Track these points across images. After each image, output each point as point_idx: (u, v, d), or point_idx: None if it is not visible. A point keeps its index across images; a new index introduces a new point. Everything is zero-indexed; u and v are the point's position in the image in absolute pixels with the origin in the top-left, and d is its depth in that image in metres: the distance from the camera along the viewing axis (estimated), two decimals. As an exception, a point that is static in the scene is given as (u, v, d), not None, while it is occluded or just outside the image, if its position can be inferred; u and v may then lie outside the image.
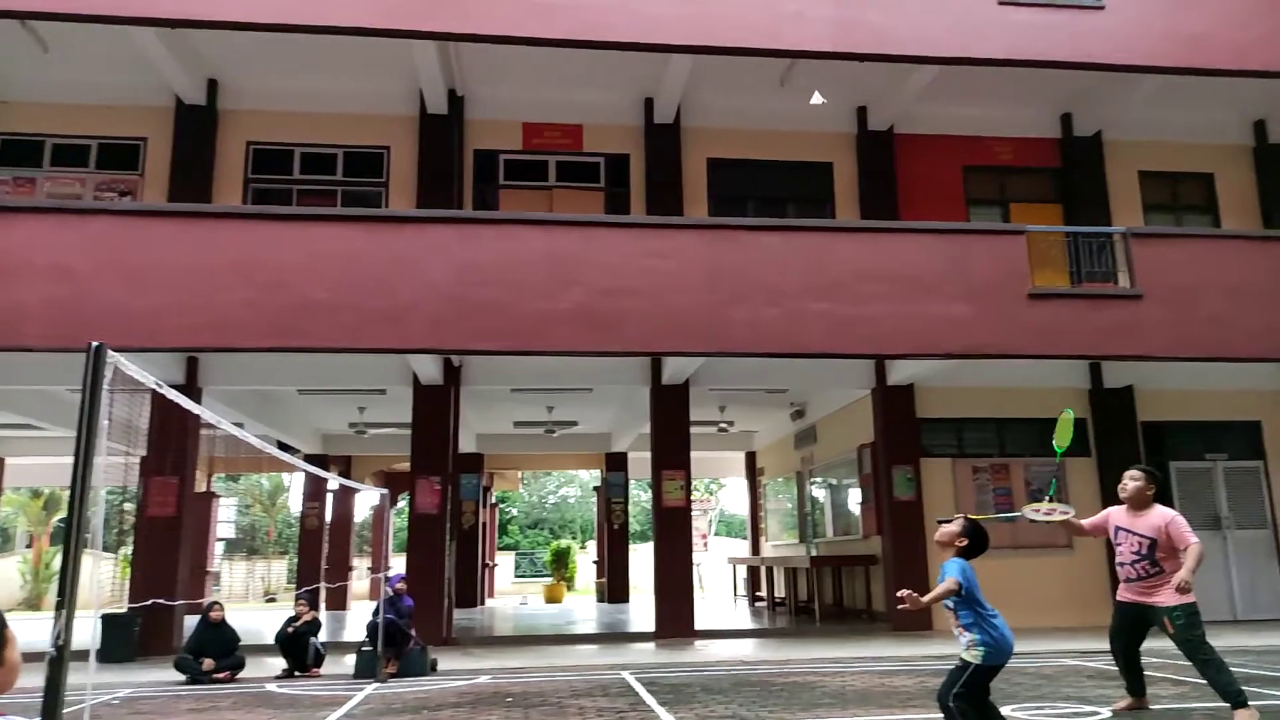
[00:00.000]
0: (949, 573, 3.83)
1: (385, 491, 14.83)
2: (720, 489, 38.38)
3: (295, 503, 29.23)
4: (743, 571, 18.97)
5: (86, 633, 3.81)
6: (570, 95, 11.44)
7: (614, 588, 18.73)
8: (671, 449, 11.19)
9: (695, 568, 11.34)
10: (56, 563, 23.52)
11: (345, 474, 18.52)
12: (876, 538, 11.73)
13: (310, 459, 15.73)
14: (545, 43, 9.24)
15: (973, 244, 9.90)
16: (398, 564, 13.63)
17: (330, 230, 9.09)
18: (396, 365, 10.61)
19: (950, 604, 3.86)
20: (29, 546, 25.37)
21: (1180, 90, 11.33)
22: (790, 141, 11.86)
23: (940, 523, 4.15)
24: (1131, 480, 5.15)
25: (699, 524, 24.69)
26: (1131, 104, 11.59)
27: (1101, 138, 12.26)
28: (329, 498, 18.20)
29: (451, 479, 10.98)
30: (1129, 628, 5.12)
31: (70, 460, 2.79)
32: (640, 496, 29.43)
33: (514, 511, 39.73)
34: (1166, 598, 4.83)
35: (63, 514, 25.95)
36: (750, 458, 19.37)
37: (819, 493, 14.95)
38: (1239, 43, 10.22)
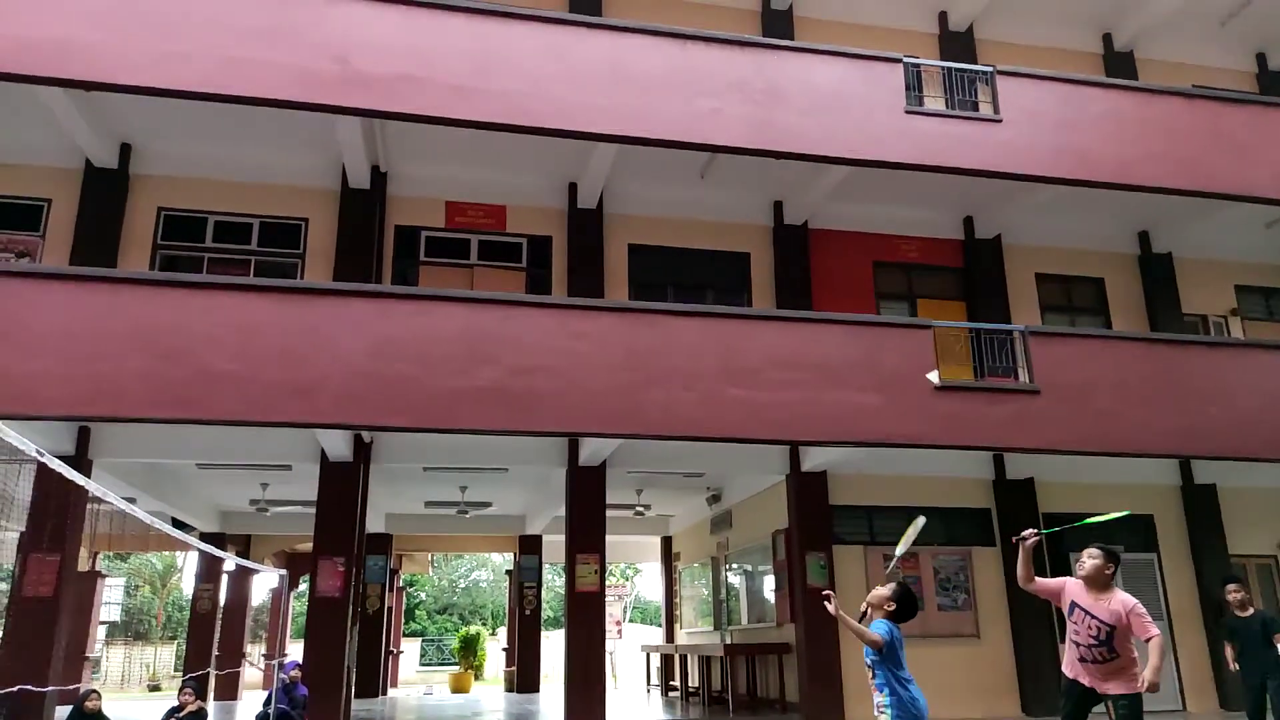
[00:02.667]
0: (875, 626, 3.87)
1: (284, 573, 14.25)
2: (636, 574, 37.93)
3: (188, 584, 27.70)
4: (656, 660, 18.61)
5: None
6: (495, 176, 11.58)
7: (524, 677, 18.13)
8: (587, 532, 11.04)
9: (608, 656, 11.09)
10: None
11: (244, 554, 17.68)
12: (790, 625, 11.69)
13: (207, 537, 14.99)
14: (468, 124, 9.34)
15: (883, 336, 10.24)
16: (295, 650, 12.97)
17: (239, 300, 8.86)
18: (304, 440, 10.29)
19: (869, 661, 3.87)
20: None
21: (1072, 200, 12.11)
22: (710, 231, 12.19)
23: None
24: (1090, 559, 5.09)
25: (613, 610, 24.20)
26: (1028, 210, 12.32)
27: (1001, 241, 12.95)
28: (224, 579, 17.29)
29: (357, 560, 10.58)
30: (1077, 702, 5.07)
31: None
32: (554, 581, 28.86)
33: (423, 596, 38.40)
34: (1117, 686, 4.84)
35: (-73, 594, 24.05)
36: (666, 542, 19.24)
37: (734, 579, 14.88)
38: (1122, 159, 11.01)
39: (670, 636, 18.58)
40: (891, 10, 13.36)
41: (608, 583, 11.37)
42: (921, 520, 5.28)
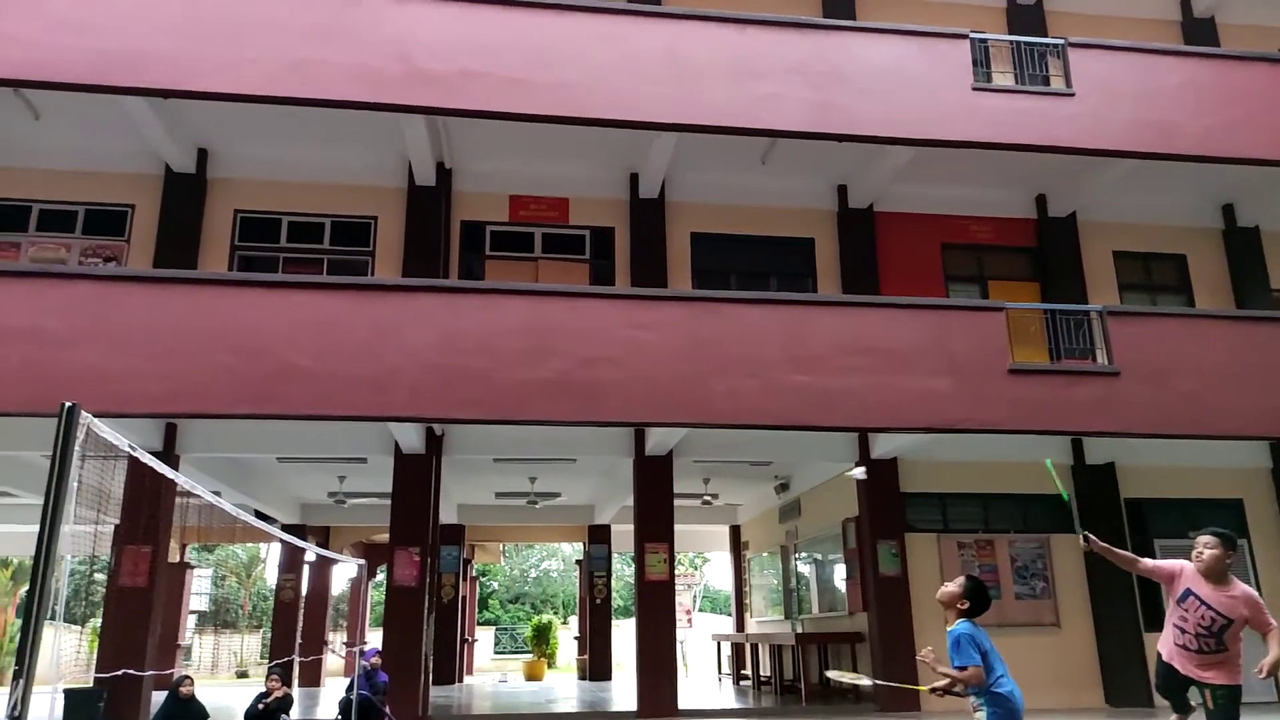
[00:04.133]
0: (962, 648, 3.73)
1: (363, 563, 14.61)
2: (704, 563, 37.90)
3: (271, 574, 28.64)
4: (727, 649, 18.60)
5: (47, 708, 3.69)
6: (557, 169, 11.65)
7: (596, 665, 18.31)
8: (654, 522, 11.08)
9: (679, 645, 11.13)
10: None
11: (323, 545, 18.20)
12: (862, 614, 11.56)
13: (288, 529, 15.46)
14: (530, 118, 9.44)
15: (952, 320, 10.02)
16: (374, 638, 13.29)
17: (314, 298, 9.12)
18: (378, 434, 10.53)
19: (954, 664, 3.78)
20: (-6, 618, 24.64)
21: (1151, 174, 11.65)
22: (772, 217, 12.08)
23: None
24: (1208, 548, 4.77)
25: (683, 599, 24.29)
26: (1104, 187, 11.89)
27: (1076, 219, 12.54)
28: (306, 569, 17.84)
29: (431, 551, 10.81)
30: (1177, 683, 4.84)
31: (38, 529, 2.73)
32: (623, 570, 29.01)
33: (495, 585, 39.01)
34: (1217, 676, 4.62)
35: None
36: (735, 531, 19.19)
37: (804, 568, 14.77)
38: (1204, 130, 10.56)
39: (740, 625, 18.55)
40: (956, -15, 13.02)
41: (677, 572, 11.38)
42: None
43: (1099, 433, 10.24)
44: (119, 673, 7.30)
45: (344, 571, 20.37)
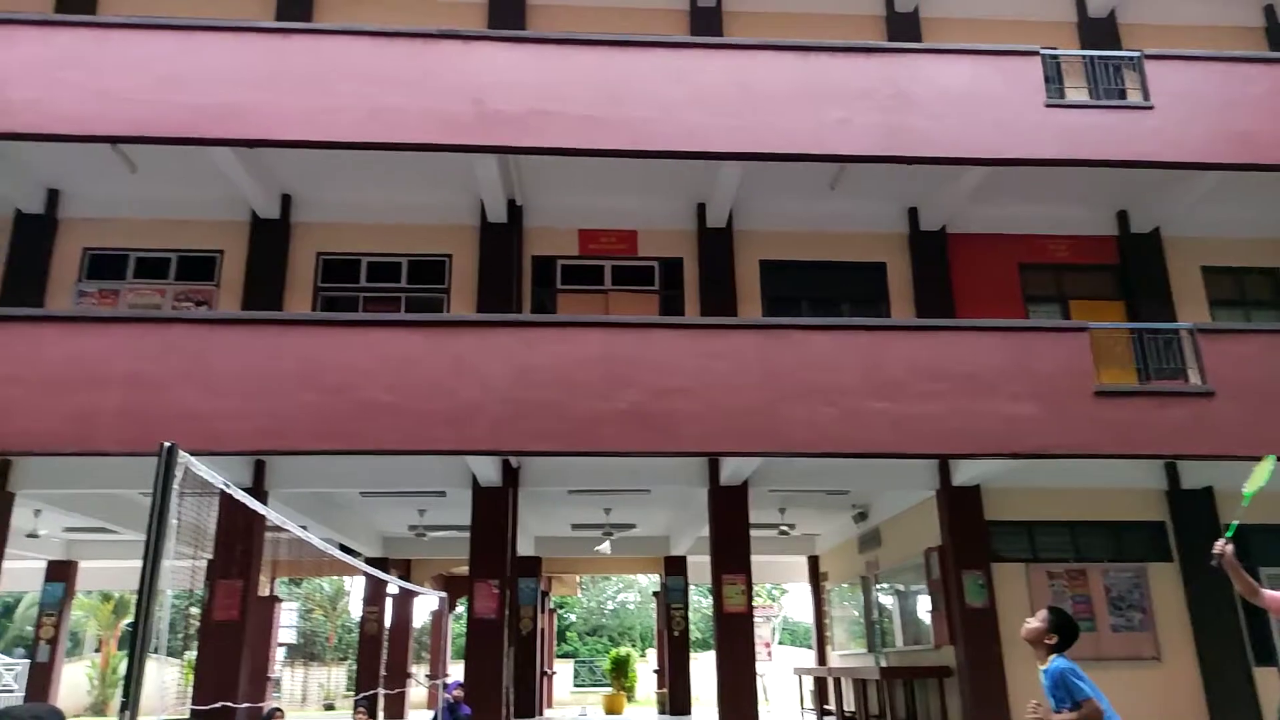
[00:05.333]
0: (1069, 683, 3.55)
1: (444, 595, 14.80)
2: (783, 595, 37.31)
3: (355, 607, 29.20)
4: (809, 682, 18.22)
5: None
6: (625, 202, 11.78)
7: (675, 698, 18.11)
8: (731, 552, 10.98)
9: (759, 678, 10.95)
10: (123, 668, 23.75)
11: (405, 577, 18.50)
12: (949, 647, 11.22)
13: (371, 562, 15.78)
14: (598, 153, 9.60)
15: (1034, 341, 9.76)
16: (456, 671, 13.44)
17: (393, 335, 9.37)
18: (456, 467, 10.71)
19: (1055, 705, 3.62)
20: (97, 651, 25.67)
21: (1239, 186, 11.19)
22: (842, 242, 11.98)
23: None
24: None
25: (762, 631, 23.92)
26: (1189, 200, 11.46)
27: (1160, 234, 12.11)
28: (389, 602, 18.16)
29: (510, 583, 10.89)
30: None
31: (139, 564, 2.85)
32: (700, 602, 28.76)
33: (572, 617, 39.04)
34: None
35: (131, 618, 26.34)
36: (813, 562, 18.86)
37: (886, 599, 14.42)
38: (1291, 138, 10.13)
39: (822, 658, 18.16)
40: (1024, 2, 12.83)
41: (755, 603, 11.23)
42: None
43: (1193, 456, 9.81)
44: (217, 705, 7.53)
45: (425, 604, 20.66)
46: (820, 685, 16.86)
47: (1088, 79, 10.54)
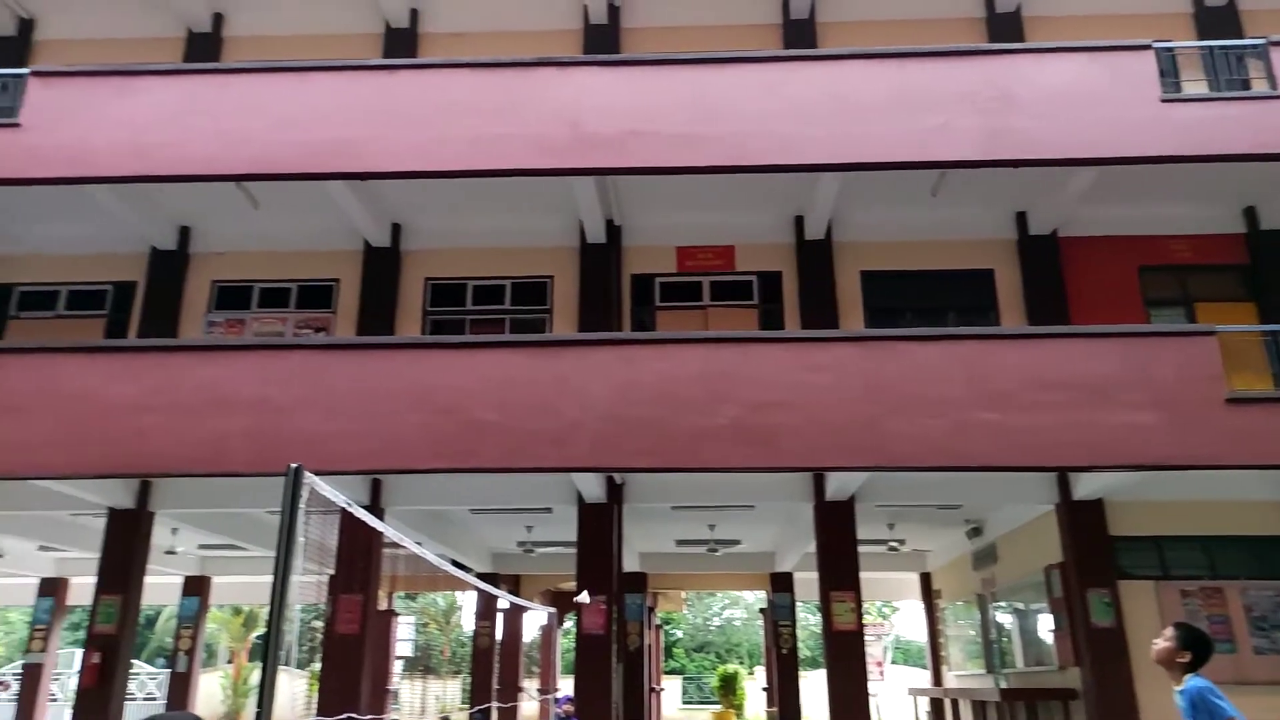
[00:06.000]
0: (1208, 703, 3.34)
1: (553, 611, 15.02)
2: (894, 612, 36.34)
3: (468, 622, 29.90)
4: (924, 703, 17.68)
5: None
6: (722, 218, 11.80)
7: (786, 717, 17.84)
8: (839, 569, 10.79)
9: (872, 698, 10.70)
10: (254, 678, 24.93)
11: (514, 593, 18.85)
12: (1074, 669, 10.72)
13: (481, 577, 16.15)
14: (693, 170, 9.65)
15: (1156, 347, 9.29)
16: (565, 685, 13.61)
17: (498, 356, 9.63)
18: (561, 484, 10.89)
19: None
20: (230, 662, 27.04)
21: (1384, 172, 10.42)
22: (947, 250, 11.68)
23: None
24: None
25: (873, 650, 23.30)
26: (1327, 192, 10.74)
27: (1295, 229, 11.37)
28: (499, 617, 18.53)
29: (617, 599, 10.98)
30: None
31: (266, 579, 3.01)
32: (809, 619, 28.29)
33: (679, 634, 38.95)
34: None
35: (260, 631, 27.64)
36: (925, 579, 18.34)
37: (1004, 617, 13.89)
38: None
39: (938, 679, 17.59)
40: (1135, -5, 12.29)
41: (865, 621, 10.99)
42: None
43: (1341, 465, 9.13)
44: (343, 716, 7.84)
45: (534, 619, 20.99)
46: (937, 706, 16.34)
47: (1206, 71, 10.01)
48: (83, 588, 15.75)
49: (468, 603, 29.21)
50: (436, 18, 12.76)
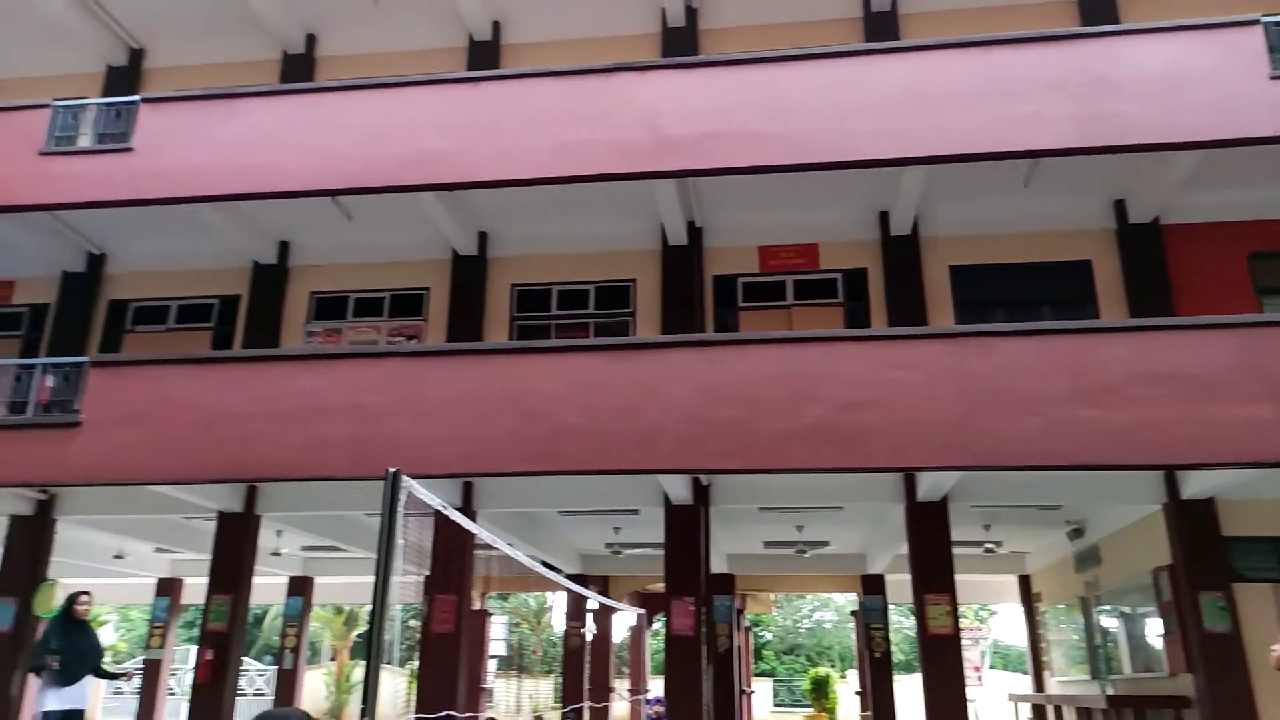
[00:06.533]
0: None
1: (642, 612, 15.10)
2: (991, 616, 35.30)
3: (558, 622, 30.29)
4: (1025, 710, 17.12)
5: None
6: (804, 216, 11.68)
7: (879, 722, 17.51)
8: (933, 571, 10.55)
9: (970, 704, 10.42)
10: (355, 675, 25.78)
11: (603, 593, 19.02)
12: (1186, 675, 10.24)
13: (570, 578, 16.36)
14: (772, 169, 9.56)
15: (1272, 337, 8.80)
16: (655, 686, 13.66)
17: (583, 359, 9.74)
18: (647, 485, 10.94)
19: None
20: (333, 659, 28.01)
21: None
22: (1040, 242, 11.29)
23: None
24: None
25: (971, 655, 22.68)
26: None
27: None
28: (589, 617, 18.72)
29: (705, 600, 10.98)
30: None
31: (366, 580, 3.14)
32: (901, 623, 27.71)
33: (768, 636, 38.64)
34: None
35: (361, 629, 28.57)
36: (1024, 581, 17.76)
37: (1109, 621, 13.36)
38: None
39: (1039, 685, 17.01)
40: (1241, -34, 11.67)
41: (961, 625, 10.72)
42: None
43: None
44: (443, 714, 8.03)
45: (623, 620, 21.13)
46: (1039, 713, 15.81)
47: (1323, 43, 9.43)
48: (196, 587, 16.59)
49: (558, 603, 29.60)
50: (518, 28, 13.00)
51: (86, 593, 7.32)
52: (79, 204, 10.66)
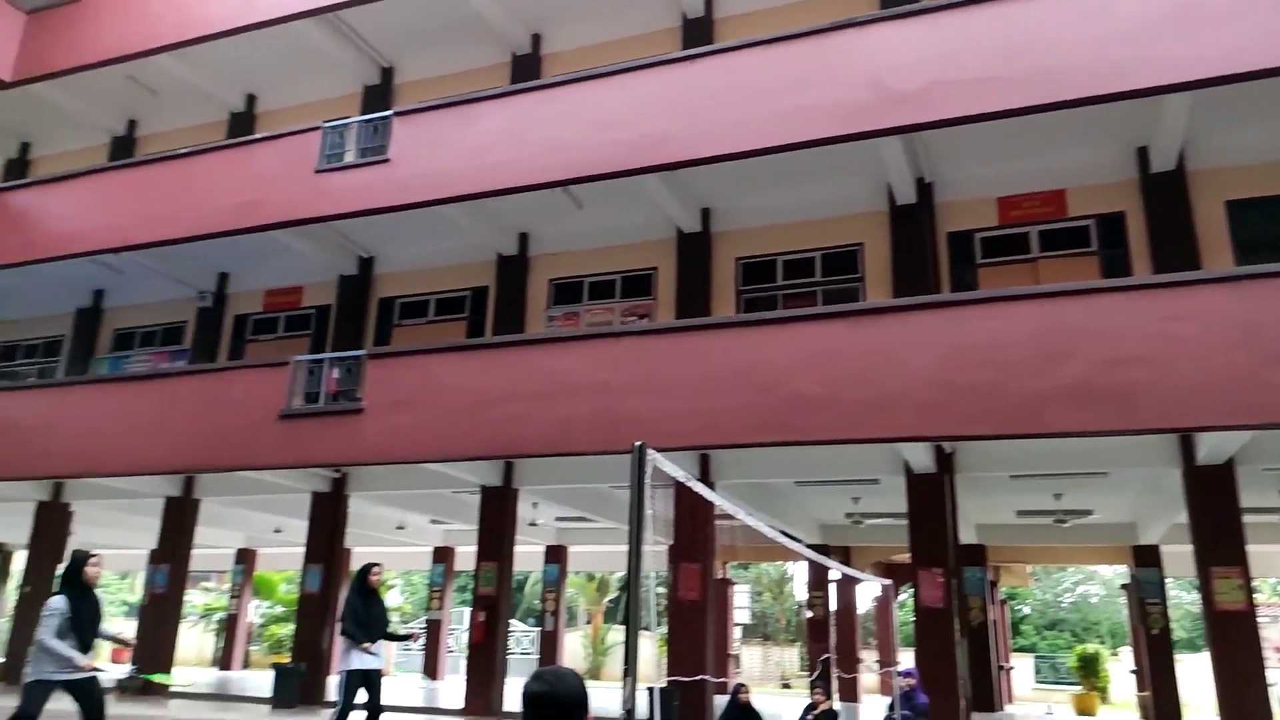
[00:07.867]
0: None
1: (888, 583, 14.77)
2: (1296, 591, 31.24)
3: (800, 592, 30.24)
4: (1341, 697, 15.05)
5: (643, 703, 4.43)
6: (1047, 161, 10.81)
7: (1162, 706, 16.07)
8: (1220, 542, 9.54)
9: (1270, 687, 9.34)
10: (609, 638, 27.19)
11: (845, 564, 18.76)
12: None
13: (811, 549, 16.28)
14: (1011, 113, 8.89)
15: None
16: (904, 659, 13.35)
17: (814, 329, 9.63)
18: (887, 454, 10.67)
19: None
20: (588, 623, 29.69)
21: None
22: (1343, 164, 9.78)
23: None
24: None
25: (1269, 633, 20.25)
26: None
27: None
28: (831, 587, 18.56)
29: (954, 572, 10.58)
30: None
31: (615, 548, 3.34)
32: (1182, 598, 25.20)
33: (1026, 610, 36.46)
34: None
35: (612, 595, 30.08)
36: (1336, 552, 15.57)
37: None
38: None
39: (1359, 669, 14.89)
40: None
41: (1257, 600, 9.60)
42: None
43: None
44: (698, 677, 8.32)
45: (867, 590, 20.75)
46: (1359, 702, 13.83)
47: None
48: (466, 555, 18.18)
49: (799, 573, 29.53)
50: (730, 1, 12.96)
51: (378, 564, 8.21)
52: (350, 214, 11.90)
